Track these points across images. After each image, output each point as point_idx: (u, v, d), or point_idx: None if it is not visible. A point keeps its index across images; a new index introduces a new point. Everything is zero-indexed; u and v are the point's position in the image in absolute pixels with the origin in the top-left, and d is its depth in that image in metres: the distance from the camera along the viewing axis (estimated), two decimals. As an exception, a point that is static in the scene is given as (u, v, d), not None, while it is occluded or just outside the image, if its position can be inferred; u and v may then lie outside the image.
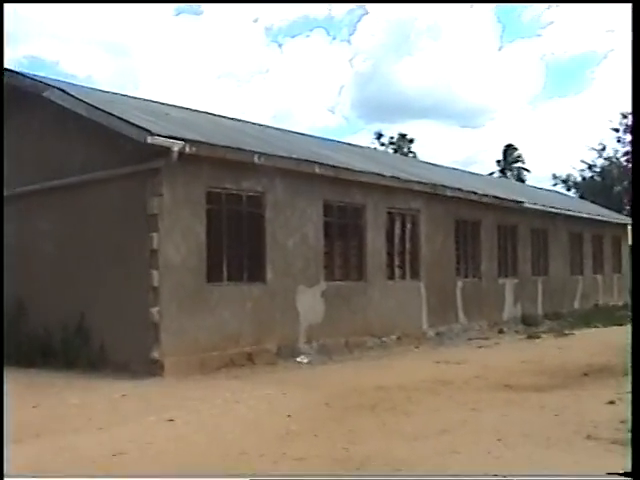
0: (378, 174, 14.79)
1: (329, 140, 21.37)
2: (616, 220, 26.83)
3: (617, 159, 43.61)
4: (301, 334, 12.68)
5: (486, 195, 18.32)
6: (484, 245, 18.21)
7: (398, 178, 15.31)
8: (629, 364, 6.02)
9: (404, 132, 56.28)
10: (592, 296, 23.94)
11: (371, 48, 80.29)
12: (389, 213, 15.11)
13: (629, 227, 25.33)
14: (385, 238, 14.95)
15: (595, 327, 18.41)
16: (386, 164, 18.42)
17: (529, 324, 19.00)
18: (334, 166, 13.69)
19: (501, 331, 17.63)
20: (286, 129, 20.47)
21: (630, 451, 4.79)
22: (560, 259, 22.21)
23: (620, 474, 4.75)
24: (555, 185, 49.79)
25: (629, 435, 5.31)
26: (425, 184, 16.12)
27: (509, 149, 58.10)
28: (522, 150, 59.43)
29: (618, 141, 42.32)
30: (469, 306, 17.35)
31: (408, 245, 15.66)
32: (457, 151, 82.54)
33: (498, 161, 58.41)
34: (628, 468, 4.66)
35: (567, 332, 16.99)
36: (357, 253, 14.34)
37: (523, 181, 52.51)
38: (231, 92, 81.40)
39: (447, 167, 26.06)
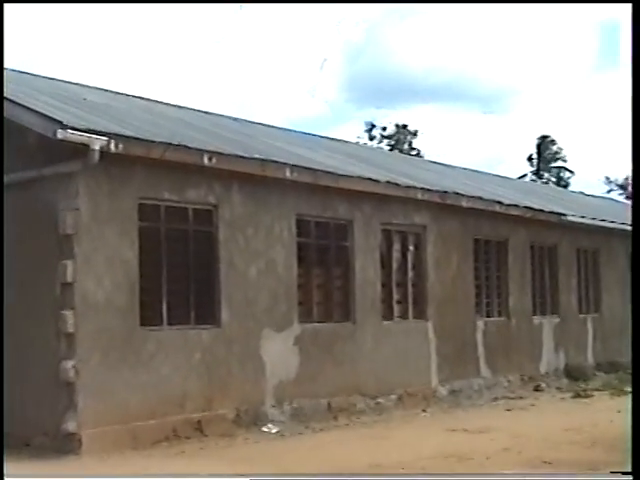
0: (370, 179, 14.86)
1: (305, 134, 21.51)
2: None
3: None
4: (268, 394, 12.66)
5: (516, 205, 18.48)
6: (513, 272, 18.35)
7: (396, 184, 15.40)
8: None
9: (405, 121, 56.87)
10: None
11: (364, 8, 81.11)
12: (385, 231, 15.20)
13: None
14: (380, 265, 15.02)
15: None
16: (381, 165, 18.57)
17: (576, 378, 19.13)
18: (311, 169, 13.78)
19: (538, 388, 17.74)
20: (247, 120, 20.59)
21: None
22: (617, 290, 22.27)
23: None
24: (609, 192, 50.42)
25: None
26: (433, 192, 16.21)
27: (545, 142, 58.69)
28: (563, 144, 60.25)
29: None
30: (494, 355, 17.43)
31: (411, 274, 15.74)
32: (477, 146, 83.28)
33: (530, 159, 59.04)
34: None
35: (628, 389, 17.08)
36: (342, 285, 14.38)
37: (565, 186, 53.13)
38: (174, 70, 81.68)
39: (463, 168, 26.26)
